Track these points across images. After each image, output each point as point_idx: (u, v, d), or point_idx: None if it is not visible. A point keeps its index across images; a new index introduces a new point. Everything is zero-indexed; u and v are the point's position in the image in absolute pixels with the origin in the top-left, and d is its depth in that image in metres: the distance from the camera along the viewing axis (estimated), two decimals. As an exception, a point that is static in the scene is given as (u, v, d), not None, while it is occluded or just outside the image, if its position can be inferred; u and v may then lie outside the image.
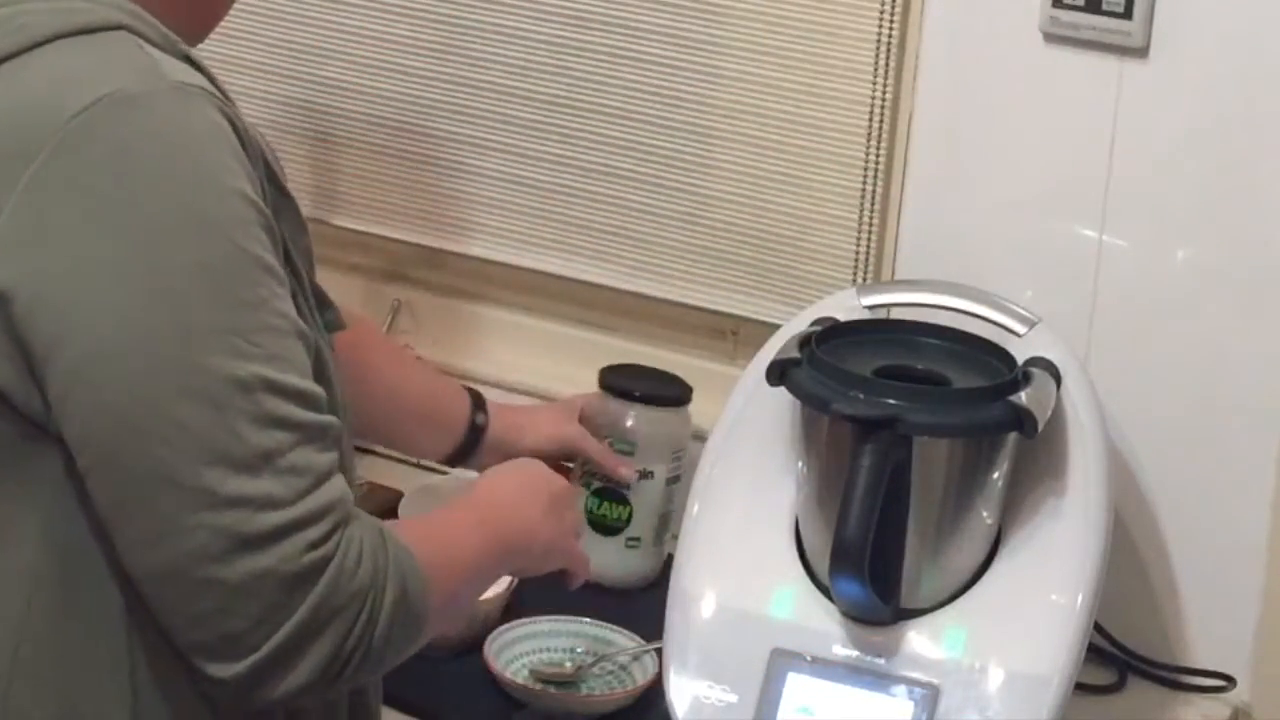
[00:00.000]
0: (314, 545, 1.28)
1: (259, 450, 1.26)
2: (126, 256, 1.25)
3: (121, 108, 1.26)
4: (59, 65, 1.28)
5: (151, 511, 1.26)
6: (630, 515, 2.00)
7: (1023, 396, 1.69)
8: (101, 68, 1.28)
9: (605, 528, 2.00)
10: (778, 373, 1.73)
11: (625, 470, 1.97)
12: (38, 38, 1.29)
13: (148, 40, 1.32)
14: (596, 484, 2.00)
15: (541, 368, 2.23)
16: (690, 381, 2.14)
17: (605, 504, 1.99)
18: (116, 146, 1.25)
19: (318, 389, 1.32)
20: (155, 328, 1.25)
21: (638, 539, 2.01)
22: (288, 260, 1.35)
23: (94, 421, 1.26)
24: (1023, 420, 1.67)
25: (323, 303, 1.44)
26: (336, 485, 1.31)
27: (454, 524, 1.50)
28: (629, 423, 2.00)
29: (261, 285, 1.29)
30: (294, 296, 1.34)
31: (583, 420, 1.97)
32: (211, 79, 1.36)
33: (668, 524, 2.02)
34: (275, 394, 1.27)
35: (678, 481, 2.01)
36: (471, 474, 2.10)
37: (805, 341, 1.75)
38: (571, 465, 1.98)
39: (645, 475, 1.99)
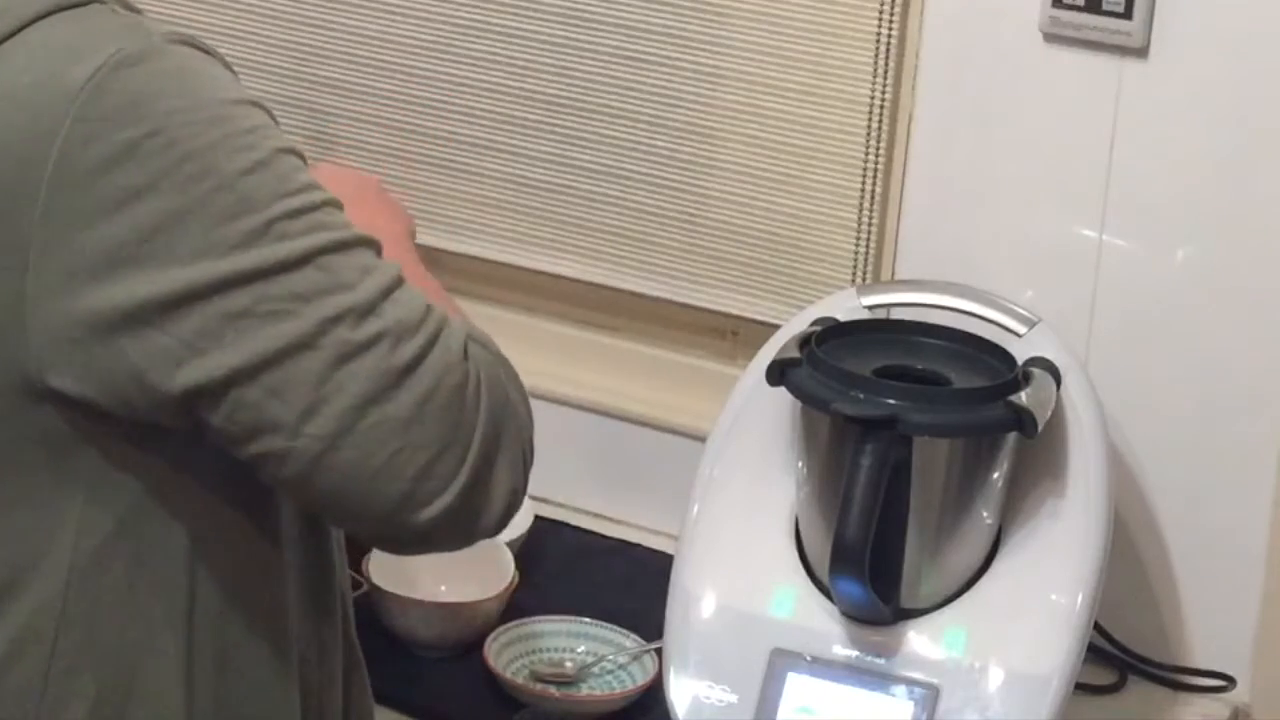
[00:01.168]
0: (450, 350, 1.32)
1: (373, 291, 1.30)
2: (184, 183, 1.27)
3: (127, 65, 1.28)
4: (51, 42, 1.30)
5: (303, 383, 1.28)
6: None
7: (1023, 396, 1.69)
8: (94, 36, 1.30)
9: None
10: (778, 373, 1.73)
11: None
12: (23, 18, 1.31)
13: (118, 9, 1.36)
14: None
15: (542, 368, 2.23)
16: (690, 381, 2.14)
17: None
18: (135, 98, 1.28)
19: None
20: (249, 230, 1.28)
21: None
22: None
23: (224, 334, 1.28)
24: (1023, 420, 1.67)
25: None
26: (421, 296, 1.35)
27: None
28: None
29: (304, 167, 1.34)
30: None
31: None
32: None
33: None
34: (362, 245, 1.33)
35: None
36: None
37: (805, 341, 1.75)
38: None
39: None
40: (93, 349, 1.28)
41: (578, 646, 1.92)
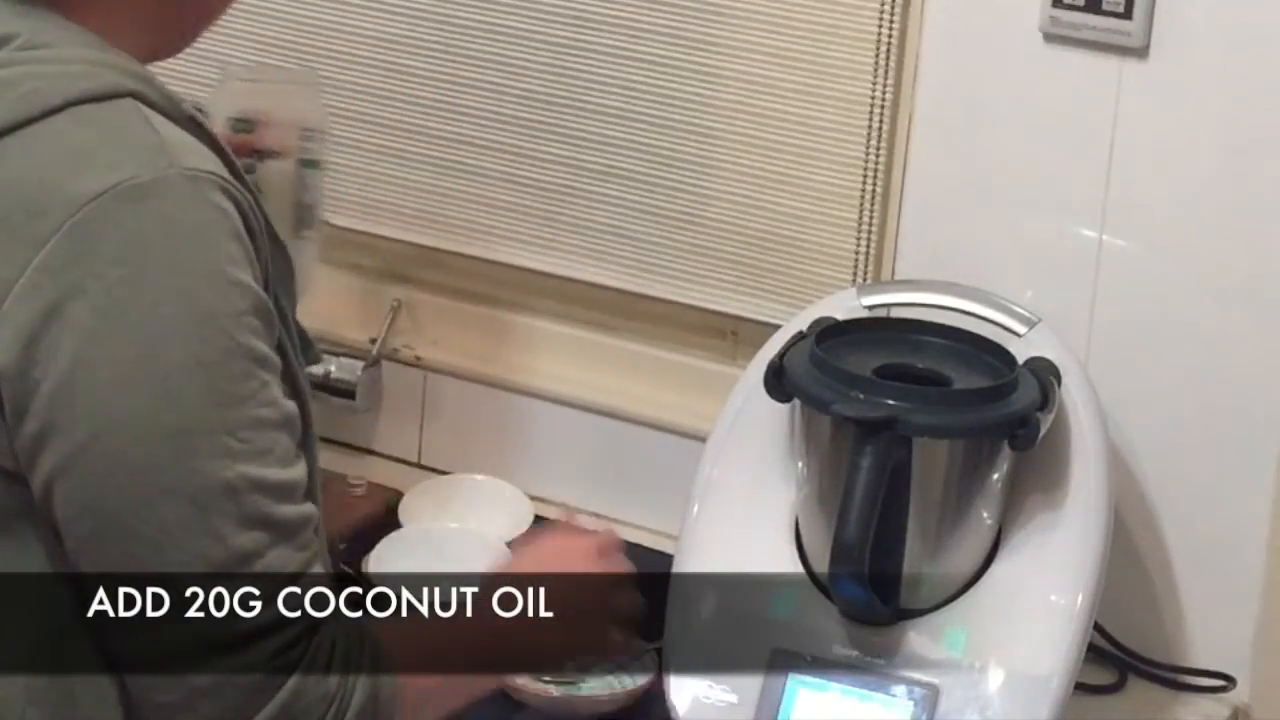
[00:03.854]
0: (283, 650, 1.27)
1: (238, 553, 1.26)
2: (128, 352, 1.25)
3: (131, 198, 1.25)
4: (70, 141, 1.27)
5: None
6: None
7: (1024, 399, 1.69)
8: (112, 148, 1.27)
9: None
10: (772, 380, 1.73)
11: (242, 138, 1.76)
12: (49, 105, 1.28)
13: (153, 106, 1.31)
14: None
15: (541, 367, 2.23)
16: (690, 381, 2.14)
17: None
18: (125, 239, 1.25)
19: (300, 474, 1.31)
20: (150, 427, 1.25)
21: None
22: (279, 311, 1.35)
23: (79, 512, 1.26)
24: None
25: (304, 341, 1.44)
26: (311, 583, 1.30)
27: (446, 644, 1.44)
28: (242, 96, 1.78)
29: (253, 377, 1.28)
30: (281, 350, 1.34)
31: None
32: (213, 140, 1.35)
33: (308, 216, 1.80)
34: (260, 492, 1.27)
35: (315, 166, 1.79)
36: (475, 476, 2.09)
37: (796, 341, 1.76)
38: None
39: (268, 155, 1.77)
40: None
41: (578, 646, 1.92)
